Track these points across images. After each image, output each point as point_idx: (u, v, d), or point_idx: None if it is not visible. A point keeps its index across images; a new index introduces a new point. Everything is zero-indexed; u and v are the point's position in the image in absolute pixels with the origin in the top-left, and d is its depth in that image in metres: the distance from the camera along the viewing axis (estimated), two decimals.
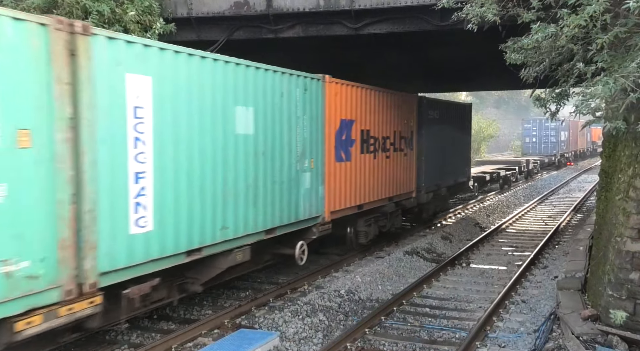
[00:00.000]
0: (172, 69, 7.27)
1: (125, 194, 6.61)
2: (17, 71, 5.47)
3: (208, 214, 7.90)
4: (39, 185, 5.67)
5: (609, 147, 9.05)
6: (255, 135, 8.93)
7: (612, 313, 7.04)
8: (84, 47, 6.07)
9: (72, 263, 5.99)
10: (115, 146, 6.48)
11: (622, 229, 7.20)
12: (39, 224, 5.68)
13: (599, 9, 6.76)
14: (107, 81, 6.34)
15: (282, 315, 8.81)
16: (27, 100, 5.55)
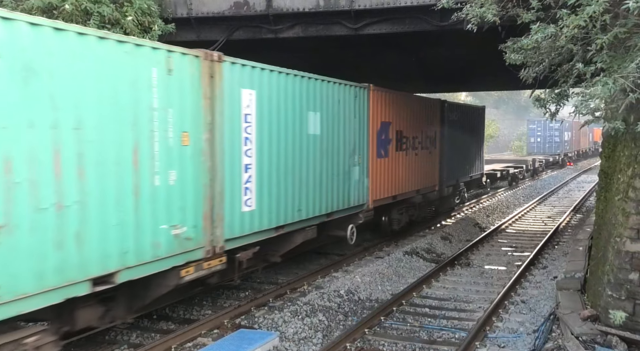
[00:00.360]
0: (267, 83, 9.29)
1: (239, 180, 8.64)
2: (182, 91, 7.48)
3: (289, 198, 9.86)
4: (192, 172, 7.66)
5: (608, 148, 9.05)
6: (321, 135, 10.85)
7: (611, 313, 7.04)
8: (218, 71, 8.12)
9: (209, 231, 8.01)
10: (234, 144, 8.48)
11: (622, 229, 7.20)
12: (192, 201, 7.66)
13: (598, 9, 6.76)
14: (230, 95, 8.38)
15: (282, 315, 8.81)
16: (187, 111, 7.56)
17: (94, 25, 10.53)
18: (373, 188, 12.86)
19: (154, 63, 7.00)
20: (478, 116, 21.77)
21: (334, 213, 11.43)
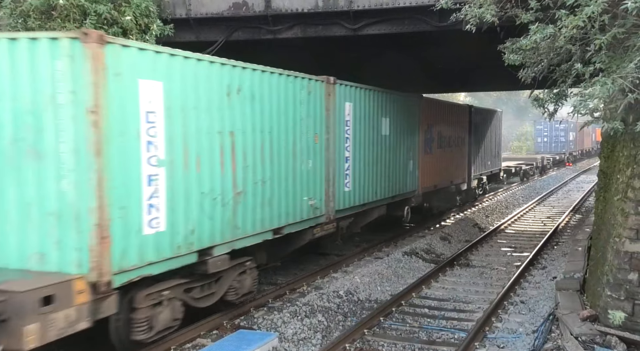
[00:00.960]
0: (358, 97, 12.49)
1: (342, 169, 11.80)
2: (315, 105, 10.72)
3: (371, 183, 13.14)
4: (319, 162, 10.87)
5: (607, 148, 9.06)
6: (389, 135, 14.10)
7: (610, 313, 7.05)
8: (332, 91, 11.28)
9: (327, 203, 11.18)
10: (340, 142, 11.64)
11: (621, 229, 7.21)
12: (319, 182, 10.89)
13: (597, 9, 6.77)
14: (338, 107, 11.52)
15: (281, 316, 8.81)
16: (317, 119, 10.78)
17: (90, 25, 10.49)
18: (421, 178, 16.18)
19: (304, 87, 10.42)
20: (497, 119, 25.35)
21: (397, 196, 14.77)
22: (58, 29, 10.41)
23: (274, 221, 9.47)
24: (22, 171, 6.37)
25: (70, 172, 6.21)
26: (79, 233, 6.21)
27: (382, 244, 14.45)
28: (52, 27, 10.44)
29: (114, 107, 6.40)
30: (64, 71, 6.17)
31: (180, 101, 7.36)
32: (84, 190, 6.19)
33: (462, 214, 19.68)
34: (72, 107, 6.16)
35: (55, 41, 6.22)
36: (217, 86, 8.10)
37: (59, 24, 10.45)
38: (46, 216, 6.29)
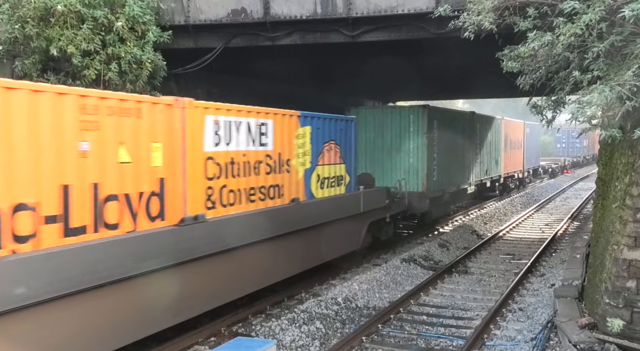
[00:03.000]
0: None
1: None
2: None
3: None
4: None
5: (605, 155, 9.08)
6: (485, 138, 22.78)
7: (609, 321, 7.04)
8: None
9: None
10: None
11: (619, 237, 7.21)
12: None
13: (594, 17, 6.81)
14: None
15: (279, 323, 8.78)
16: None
17: (87, 31, 10.51)
18: (502, 168, 26.10)
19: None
20: (536, 130, 34.77)
21: (487, 179, 23.43)
22: (56, 36, 10.43)
23: (453, 186, 19.28)
24: (395, 155, 16.41)
25: (413, 155, 16.29)
26: (418, 177, 16.42)
27: (381, 251, 14.43)
28: (51, 36, 10.46)
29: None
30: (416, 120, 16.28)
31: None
32: (420, 162, 16.39)
33: (461, 221, 19.69)
34: (416, 135, 16.33)
35: (414, 109, 16.92)
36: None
37: (57, 31, 10.48)
38: (405, 170, 16.38)
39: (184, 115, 7.63)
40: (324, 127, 11.14)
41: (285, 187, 9.88)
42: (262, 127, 9.28)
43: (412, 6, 10.88)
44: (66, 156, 6.09)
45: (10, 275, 5.37)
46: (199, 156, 7.90)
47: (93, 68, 10.65)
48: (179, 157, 7.52)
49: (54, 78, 10.83)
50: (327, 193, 11.24)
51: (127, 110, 6.77)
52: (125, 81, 11.26)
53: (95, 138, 6.38)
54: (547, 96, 8.62)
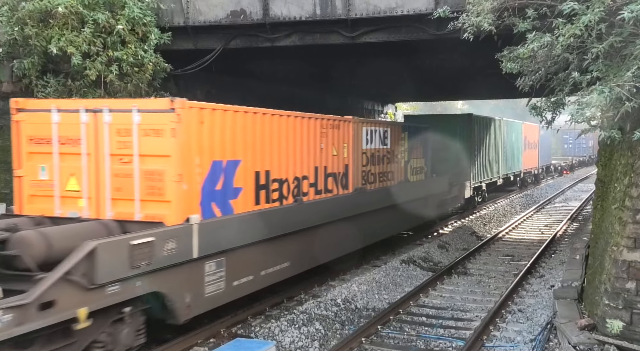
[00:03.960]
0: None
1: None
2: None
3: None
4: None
5: (604, 156, 9.07)
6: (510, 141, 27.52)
7: (608, 322, 7.03)
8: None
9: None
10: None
11: (618, 238, 7.20)
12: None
13: (594, 18, 6.80)
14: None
15: (279, 324, 8.76)
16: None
17: (88, 33, 10.50)
18: (522, 163, 30.72)
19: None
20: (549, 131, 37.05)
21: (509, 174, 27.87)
22: (56, 36, 10.41)
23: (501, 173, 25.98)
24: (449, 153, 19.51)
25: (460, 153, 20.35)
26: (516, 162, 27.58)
27: (380, 252, 14.41)
28: (51, 35, 10.45)
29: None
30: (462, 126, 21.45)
31: None
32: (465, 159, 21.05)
33: (460, 222, 19.68)
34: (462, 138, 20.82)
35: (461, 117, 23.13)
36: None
37: (56, 32, 10.46)
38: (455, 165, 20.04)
39: (355, 127, 12.31)
40: (413, 132, 15.65)
41: (395, 173, 14.57)
42: (385, 133, 13.90)
43: (411, 7, 10.87)
44: (315, 151, 10.77)
45: (295, 212, 9.92)
46: (360, 151, 12.57)
47: (95, 69, 10.64)
48: (353, 152, 12.27)
49: (53, 80, 10.82)
50: (415, 178, 15.98)
51: (335, 125, 11.55)
52: (126, 82, 11.25)
53: (324, 142, 11.06)
54: (547, 97, 8.61)
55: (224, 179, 8.35)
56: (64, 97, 10.80)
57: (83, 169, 7.84)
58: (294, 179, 10.05)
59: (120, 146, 7.67)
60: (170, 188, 7.45)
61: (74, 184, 7.91)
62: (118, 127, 7.67)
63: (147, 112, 7.57)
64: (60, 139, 7.93)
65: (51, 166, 7.98)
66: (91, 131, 7.78)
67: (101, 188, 7.76)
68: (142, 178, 7.57)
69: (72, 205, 7.90)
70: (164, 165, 7.47)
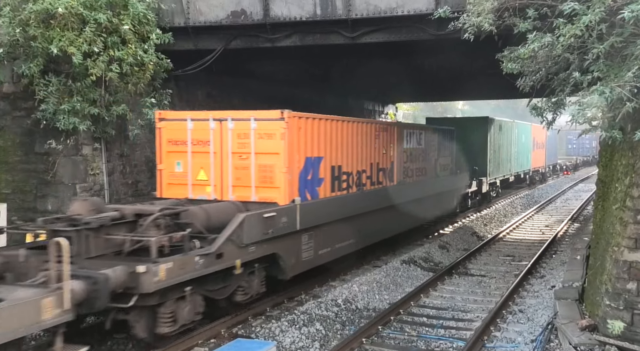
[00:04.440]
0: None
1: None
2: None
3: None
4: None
5: (605, 157, 9.06)
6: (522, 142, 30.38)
7: (609, 323, 7.02)
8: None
9: None
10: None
11: (619, 238, 7.19)
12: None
13: (594, 18, 6.79)
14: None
15: (279, 325, 8.76)
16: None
17: (90, 33, 10.50)
18: (531, 161, 32.81)
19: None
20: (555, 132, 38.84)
21: (521, 171, 30.12)
22: (57, 37, 10.42)
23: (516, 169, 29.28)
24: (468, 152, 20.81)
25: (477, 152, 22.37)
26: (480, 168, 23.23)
27: (380, 253, 14.40)
28: (52, 36, 10.45)
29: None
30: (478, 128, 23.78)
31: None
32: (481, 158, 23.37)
33: (460, 223, 19.67)
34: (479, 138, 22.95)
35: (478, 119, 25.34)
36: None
37: (57, 32, 10.46)
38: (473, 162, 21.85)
39: (398, 130, 14.68)
40: (442, 134, 18.13)
41: (428, 169, 16.80)
42: (420, 135, 16.22)
43: (411, 7, 10.85)
44: (370, 150, 12.95)
45: (358, 199, 12.19)
46: (402, 150, 14.73)
47: (98, 68, 10.64)
48: (397, 150, 14.39)
49: (55, 80, 10.82)
50: (443, 174, 18.13)
51: (384, 128, 13.94)
52: (126, 82, 11.25)
53: (378, 142, 13.28)
54: (547, 98, 8.60)
55: (313, 171, 10.67)
56: (64, 97, 10.83)
57: (210, 163, 10.20)
58: (357, 173, 12.42)
59: (240, 146, 9.98)
60: (279, 178, 9.79)
61: (203, 175, 10.27)
62: (238, 132, 10.01)
63: (262, 121, 9.91)
64: (192, 141, 10.29)
65: (185, 162, 10.36)
66: (217, 135, 10.13)
67: (224, 177, 10.12)
68: (257, 170, 9.92)
69: (201, 191, 10.30)
70: (275, 160, 9.77)
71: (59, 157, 11.37)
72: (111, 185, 12.12)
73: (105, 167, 11.92)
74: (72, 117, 10.71)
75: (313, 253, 10.58)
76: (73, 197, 10.67)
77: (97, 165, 11.78)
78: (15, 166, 11.63)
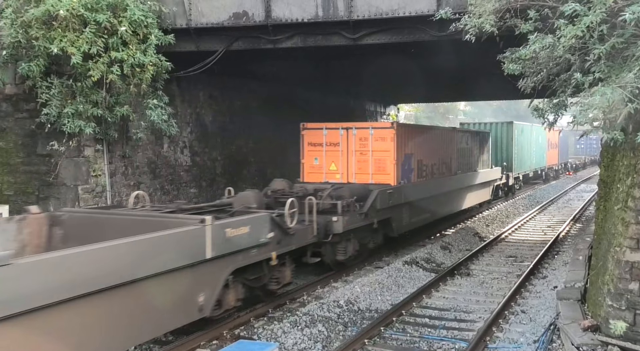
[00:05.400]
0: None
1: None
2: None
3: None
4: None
5: (607, 157, 9.08)
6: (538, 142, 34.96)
7: (612, 323, 7.04)
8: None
9: None
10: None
11: (621, 239, 7.22)
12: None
13: (595, 19, 6.82)
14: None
15: (281, 326, 8.79)
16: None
17: (90, 34, 10.55)
18: (546, 160, 37.46)
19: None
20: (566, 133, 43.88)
21: (538, 168, 34.99)
22: (58, 38, 10.48)
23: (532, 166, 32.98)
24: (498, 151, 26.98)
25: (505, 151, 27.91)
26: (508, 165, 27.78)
27: (382, 254, 14.44)
28: (53, 36, 10.51)
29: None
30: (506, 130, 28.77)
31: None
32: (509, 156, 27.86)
33: (462, 224, 19.69)
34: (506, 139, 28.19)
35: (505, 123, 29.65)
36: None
37: (59, 33, 10.53)
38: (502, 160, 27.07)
39: (455, 133, 19.15)
40: (481, 136, 22.75)
41: (472, 164, 21.07)
42: (467, 137, 20.74)
43: (413, 9, 10.89)
44: (437, 147, 17.60)
45: (434, 184, 16.77)
46: (457, 148, 18.91)
47: (98, 70, 10.69)
48: (454, 148, 18.78)
49: (57, 81, 10.89)
50: (483, 168, 22.45)
51: (447, 132, 18.62)
52: (128, 83, 11.30)
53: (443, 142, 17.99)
54: (549, 99, 8.63)
55: (408, 164, 15.19)
56: (67, 99, 10.90)
57: (339, 158, 14.63)
58: (431, 165, 16.84)
59: (361, 146, 14.46)
60: (390, 167, 14.31)
61: (334, 167, 14.69)
62: (360, 136, 14.48)
63: (377, 129, 14.63)
64: (326, 143, 14.67)
65: (321, 157, 14.80)
66: (344, 139, 14.57)
67: (349, 168, 14.56)
68: (374, 162, 14.39)
69: (332, 177, 14.61)
70: (387, 155, 14.29)
71: (61, 158, 11.43)
72: (113, 187, 12.17)
73: (107, 169, 11.97)
74: (77, 120, 10.76)
75: (408, 220, 15.16)
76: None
77: (99, 166, 11.83)
78: (17, 167, 11.69)
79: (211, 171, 16.02)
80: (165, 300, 6.72)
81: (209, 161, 15.96)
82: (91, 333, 5.86)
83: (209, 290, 7.59)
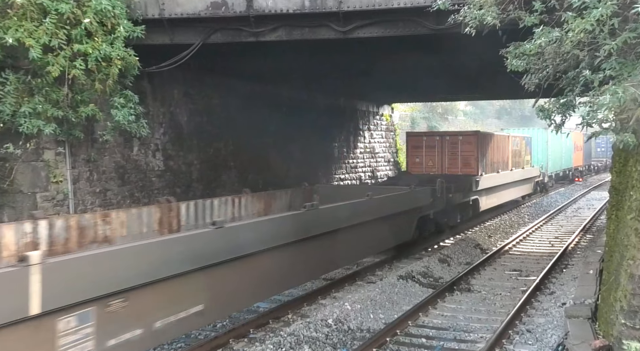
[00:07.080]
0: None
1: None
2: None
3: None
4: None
5: (619, 162, 9.13)
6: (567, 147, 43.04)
7: (625, 343, 7.06)
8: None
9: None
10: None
11: (635, 251, 7.25)
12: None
13: (606, 12, 6.87)
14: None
15: (263, 348, 8.74)
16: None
17: (50, 25, 10.45)
18: (574, 162, 45.87)
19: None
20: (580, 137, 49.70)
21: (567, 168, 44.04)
22: (14, 27, 10.35)
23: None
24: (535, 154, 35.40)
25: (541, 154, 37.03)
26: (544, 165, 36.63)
27: (375, 267, 14.42)
28: (8, 25, 10.38)
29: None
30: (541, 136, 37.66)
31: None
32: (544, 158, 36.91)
33: (462, 234, 19.76)
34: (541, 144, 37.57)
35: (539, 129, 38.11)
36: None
37: (14, 22, 10.39)
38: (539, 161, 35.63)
39: (509, 138, 27.19)
40: (526, 139, 30.74)
41: (520, 162, 28.61)
42: (516, 140, 28.36)
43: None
44: (497, 150, 24.90)
45: (499, 177, 24.49)
46: (510, 150, 26.66)
47: (58, 65, 10.57)
48: (509, 150, 27.01)
49: (12, 77, 10.75)
50: (527, 167, 29.98)
51: (505, 137, 26.98)
52: (93, 79, 11.19)
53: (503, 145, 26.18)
54: (555, 98, 8.66)
55: (484, 160, 22.03)
56: (24, 96, 10.77)
57: (435, 158, 22.07)
58: (496, 162, 23.85)
59: (452, 148, 21.92)
60: (474, 163, 21.61)
61: (430, 163, 22.12)
62: (451, 141, 22.04)
63: (464, 135, 22.51)
64: (425, 146, 22.30)
65: (421, 157, 22.33)
66: (439, 143, 22.19)
67: (443, 163, 21.96)
68: (461, 159, 21.70)
69: (429, 170, 21.95)
70: (471, 154, 21.68)
71: (16, 163, 11.26)
72: (76, 194, 12.04)
73: (70, 174, 11.83)
74: (35, 119, 10.62)
75: (485, 203, 22.30)
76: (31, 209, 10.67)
77: (61, 172, 11.69)
78: None
79: (187, 177, 15.91)
80: (388, 231, 13.95)
81: (184, 166, 15.87)
82: (280, 270, 9.66)
83: (410, 226, 15.69)
